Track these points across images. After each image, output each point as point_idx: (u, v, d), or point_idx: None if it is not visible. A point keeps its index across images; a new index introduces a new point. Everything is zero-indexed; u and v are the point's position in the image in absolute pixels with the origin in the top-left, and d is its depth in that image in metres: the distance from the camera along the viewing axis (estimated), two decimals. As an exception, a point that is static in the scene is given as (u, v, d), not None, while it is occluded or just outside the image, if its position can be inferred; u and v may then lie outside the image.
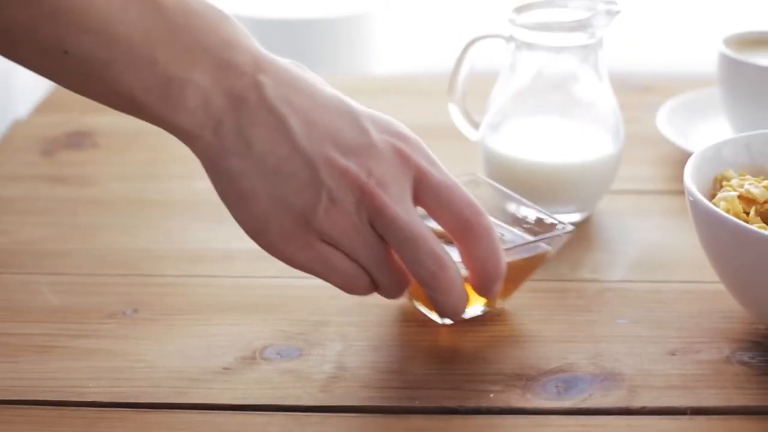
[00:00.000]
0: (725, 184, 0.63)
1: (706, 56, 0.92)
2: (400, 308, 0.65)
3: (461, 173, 0.61)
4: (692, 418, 0.56)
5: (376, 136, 0.55)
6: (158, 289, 0.68)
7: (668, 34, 1.27)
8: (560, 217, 0.64)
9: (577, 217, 0.75)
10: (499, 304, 0.64)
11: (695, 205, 0.59)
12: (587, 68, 0.73)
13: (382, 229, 0.55)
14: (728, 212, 0.60)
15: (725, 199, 0.61)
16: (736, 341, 0.62)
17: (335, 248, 0.55)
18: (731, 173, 0.64)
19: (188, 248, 0.73)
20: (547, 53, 0.73)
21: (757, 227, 0.57)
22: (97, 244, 0.74)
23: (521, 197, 0.66)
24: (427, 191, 0.55)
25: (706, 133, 0.87)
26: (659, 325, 0.63)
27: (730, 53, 0.84)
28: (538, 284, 0.68)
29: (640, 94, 0.99)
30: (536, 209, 0.65)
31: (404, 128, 0.56)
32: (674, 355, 0.61)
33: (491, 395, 0.57)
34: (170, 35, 0.52)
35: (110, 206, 0.79)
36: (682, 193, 0.61)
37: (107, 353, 0.61)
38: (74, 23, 0.50)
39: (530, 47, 0.73)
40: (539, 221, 0.65)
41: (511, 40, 0.74)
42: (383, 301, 0.65)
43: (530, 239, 0.63)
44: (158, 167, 0.85)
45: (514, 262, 0.60)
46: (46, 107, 0.98)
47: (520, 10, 0.73)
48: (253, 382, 0.59)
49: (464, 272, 0.57)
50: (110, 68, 0.51)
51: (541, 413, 0.56)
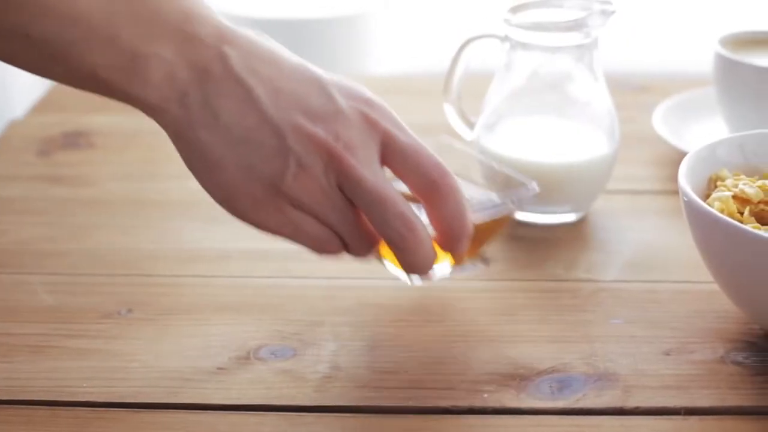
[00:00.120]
0: (720, 184, 0.63)
1: (701, 56, 0.92)
2: (395, 309, 0.65)
3: (429, 137, 0.62)
4: (686, 418, 0.56)
5: (342, 102, 0.55)
6: (153, 289, 0.68)
7: (664, 34, 1.27)
8: (533, 184, 0.66)
9: (572, 216, 0.76)
10: (466, 263, 0.64)
11: (689, 205, 0.59)
12: (582, 68, 0.73)
13: (350, 192, 0.55)
14: (722, 212, 0.60)
15: (719, 199, 0.61)
16: (730, 341, 0.62)
17: (305, 212, 0.56)
18: (726, 173, 0.64)
19: (184, 248, 0.73)
20: (542, 53, 0.73)
21: (751, 227, 0.57)
22: (92, 244, 0.74)
23: (489, 159, 0.66)
24: (394, 154, 0.56)
25: (701, 133, 0.87)
26: (654, 325, 0.63)
27: (725, 53, 0.84)
28: (532, 284, 0.68)
29: (636, 94, 0.99)
30: (504, 170, 0.66)
31: (370, 94, 0.57)
32: (668, 355, 0.61)
33: (485, 395, 0.57)
34: (131, 11, 0.52)
35: (106, 206, 0.79)
36: (677, 193, 0.61)
37: (101, 353, 0.61)
38: (35, 6, 0.50)
39: (525, 47, 0.73)
40: (506, 181, 0.65)
41: (506, 40, 0.74)
42: (378, 300, 0.66)
43: (496, 200, 0.64)
44: (155, 167, 0.85)
45: (480, 223, 0.61)
46: (42, 107, 0.98)
47: (515, 10, 0.74)
48: (247, 382, 0.59)
49: (432, 232, 0.58)
50: (73, 49, 0.51)
51: (534, 413, 0.56)
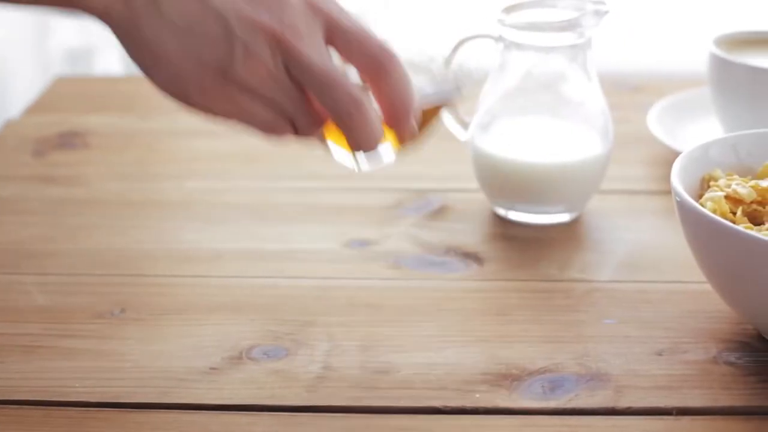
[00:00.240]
0: (712, 184, 0.63)
1: (696, 56, 0.92)
2: (388, 309, 0.65)
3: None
4: (678, 418, 0.56)
5: None
6: (146, 289, 0.68)
7: (659, 34, 1.27)
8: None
9: (566, 217, 0.76)
10: (410, 147, 0.64)
11: (682, 205, 0.59)
12: (576, 68, 0.73)
13: (298, 74, 0.56)
14: (715, 212, 0.60)
15: (712, 199, 0.61)
16: (723, 341, 0.62)
17: (254, 97, 0.56)
18: (719, 173, 0.64)
19: (178, 248, 0.73)
20: (536, 53, 0.73)
21: (743, 227, 0.57)
22: (86, 244, 0.74)
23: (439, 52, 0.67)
24: (338, 35, 0.56)
25: (696, 133, 0.87)
26: (647, 325, 0.63)
27: (720, 53, 0.84)
28: (525, 284, 0.68)
29: (630, 94, 0.99)
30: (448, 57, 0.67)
31: None
32: (661, 355, 0.61)
33: (477, 395, 0.57)
34: None
35: (101, 206, 0.79)
36: (671, 193, 0.61)
37: (94, 353, 0.61)
38: None
39: (519, 47, 0.73)
40: (455, 68, 0.66)
41: (500, 40, 0.74)
42: (371, 301, 0.66)
43: (440, 85, 0.64)
44: (149, 168, 0.85)
45: (426, 108, 0.61)
46: (38, 107, 0.98)
47: (509, 10, 0.74)
48: (239, 382, 0.59)
49: (379, 113, 0.58)
50: None
51: (526, 413, 0.56)
